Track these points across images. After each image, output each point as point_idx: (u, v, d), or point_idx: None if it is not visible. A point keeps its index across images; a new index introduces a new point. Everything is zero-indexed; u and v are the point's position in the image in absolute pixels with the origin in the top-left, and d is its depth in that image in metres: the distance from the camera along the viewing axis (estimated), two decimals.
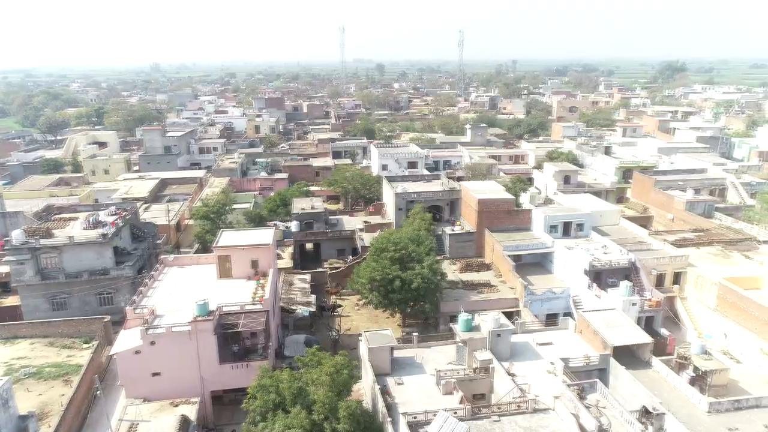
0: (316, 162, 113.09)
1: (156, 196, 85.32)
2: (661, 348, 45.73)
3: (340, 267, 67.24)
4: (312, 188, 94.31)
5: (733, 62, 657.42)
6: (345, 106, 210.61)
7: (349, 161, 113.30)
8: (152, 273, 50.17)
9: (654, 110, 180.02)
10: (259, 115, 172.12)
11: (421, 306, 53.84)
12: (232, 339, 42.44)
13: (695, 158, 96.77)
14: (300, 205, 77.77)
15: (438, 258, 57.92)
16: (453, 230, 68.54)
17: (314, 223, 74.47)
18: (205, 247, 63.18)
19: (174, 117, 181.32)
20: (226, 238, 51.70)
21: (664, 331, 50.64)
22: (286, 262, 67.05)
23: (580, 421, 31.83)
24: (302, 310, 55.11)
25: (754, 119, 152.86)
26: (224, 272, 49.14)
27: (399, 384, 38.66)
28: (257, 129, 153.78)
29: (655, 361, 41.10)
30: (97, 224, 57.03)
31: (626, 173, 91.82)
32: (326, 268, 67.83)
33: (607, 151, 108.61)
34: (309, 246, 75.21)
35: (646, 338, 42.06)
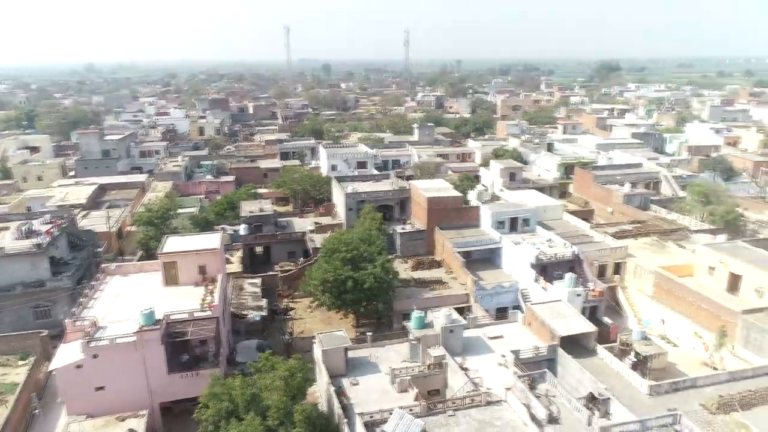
0: (264, 164, 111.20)
1: (95, 202, 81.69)
2: (604, 336, 47.66)
3: (291, 269, 66.47)
4: (260, 190, 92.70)
5: (663, 62, 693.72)
6: (292, 107, 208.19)
7: (297, 162, 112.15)
8: (93, 283, 48.01)
9: (592, 108, 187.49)
10: (203, 117, 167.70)
11: (374, 305, 53.94)
12: (181, 348, 41.17)
13: (631, 153, 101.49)
14: (248, 207, 76.37)
15: (390, 257, 58.21)
16: (404, 229, 69.04)
17: (263, 225, 73.32)
18: (150, 254, 61.02)
19: (112, 119, 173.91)
20: (172, 243, 50.12)
21: (606, 320, 52.78)
22: (235, 266, 65.65)
23: (531, 411, 32.81)
24: (253, 315, 54.18)
25: (683, 116, 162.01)
26: (170, 279, 47.63)
27: (354, 384, 38.63)
28: (201, 131, 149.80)
29: (600, 348, 42.83)
30: (30, 234, 54.05)
31: (568, 169, 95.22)
32: (277, 271, 66.91)
33: (550, 148, 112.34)
34: (259, 249, 74.02)
35: (590, 327, 43.73)
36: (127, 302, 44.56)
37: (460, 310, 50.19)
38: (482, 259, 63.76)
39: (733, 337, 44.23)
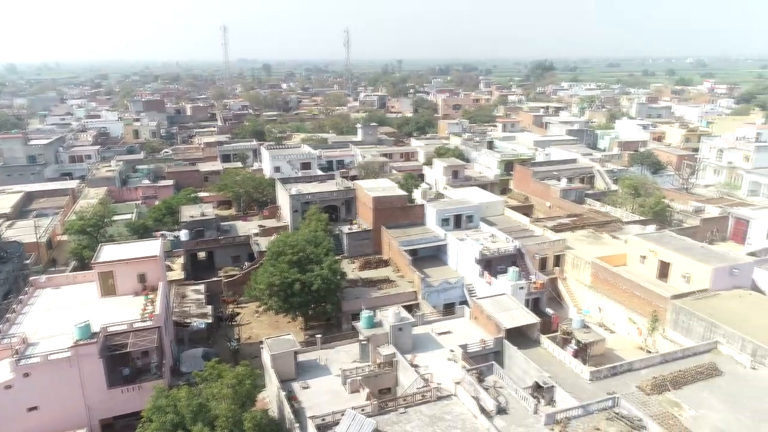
0: (204, 166, 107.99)
1: (20, 211, 77.01)
2: (547, 326, 49.39)
3: (236, 274, 64.96)
4: (201, 194, 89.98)
5: (593, 61, 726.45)
6: (231, 108, 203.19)
7: (239, 164, 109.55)
8: (20, 297, 45.19)
9: (529, 106, 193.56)
10: (137, 119, 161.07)
11: (323, 307, 53.56)
12: (121, 361, 39.46)
13: (566, 150, 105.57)
14: (189, 212, 74.04)
15: (337, 258, 57.98)
16: (350, 229, 68.94)
17: (205, 230, 71.28)
18: (84, 264, 58.06)
19: (37, 123, 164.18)
20: (108, 252, 47.94)
21: (549, 311, 54.75)
22: (177, 273, 63.50)
23: (481, 403, 33.57)
24: (197, 323, 52.61)
25: (613, 113, 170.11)
26: (107, 290, 45.52)
27: (305, 388, 38.28)
28: (136, 134, 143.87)
29: (543, 338, 44.35)
30: None
31: (508, 166, 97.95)
32: (221, 276, 65.22)
33: (490, 145, 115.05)
34: (201, 255, 71.94)
35: (534, 319, 45.20)
36: (61, 316, 42.28)
37: (409, 308, 50.64)
38: (428, 257, 64.60)
39: (663, 321, 46.91)
